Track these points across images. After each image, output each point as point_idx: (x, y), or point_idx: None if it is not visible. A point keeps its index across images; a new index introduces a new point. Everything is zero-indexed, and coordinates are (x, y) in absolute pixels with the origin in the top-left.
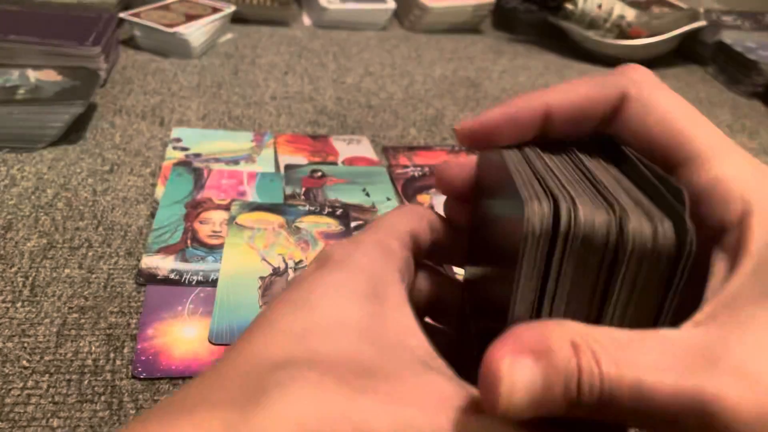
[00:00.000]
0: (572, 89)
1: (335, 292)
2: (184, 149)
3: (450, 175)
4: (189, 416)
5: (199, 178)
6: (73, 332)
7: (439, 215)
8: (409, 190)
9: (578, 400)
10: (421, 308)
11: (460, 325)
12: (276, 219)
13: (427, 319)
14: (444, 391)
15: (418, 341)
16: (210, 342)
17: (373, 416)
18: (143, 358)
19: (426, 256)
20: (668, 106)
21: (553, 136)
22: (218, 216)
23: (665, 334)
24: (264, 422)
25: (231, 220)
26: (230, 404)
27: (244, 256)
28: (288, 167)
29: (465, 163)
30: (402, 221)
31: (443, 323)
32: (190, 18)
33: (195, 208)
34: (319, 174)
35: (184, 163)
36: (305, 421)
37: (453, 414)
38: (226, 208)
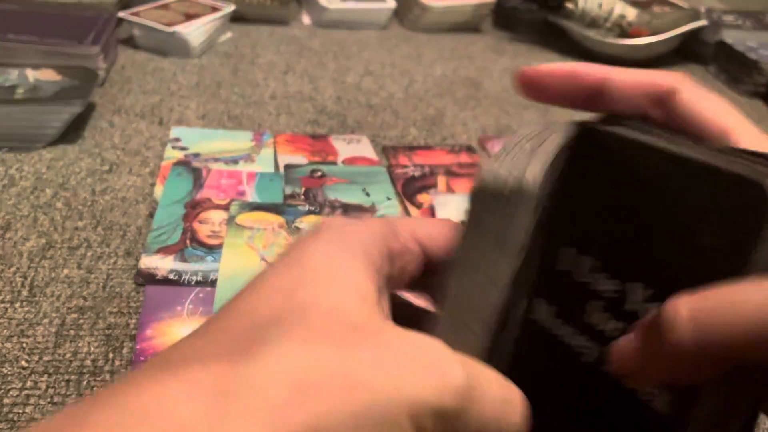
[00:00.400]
0: (629, 71)
1: (325, 250)
2: (183, 149)
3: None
4: (179, 371)
5: (198, 177)
6: (72, 332)
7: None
8: (409, 189)
9: None
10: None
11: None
12: (276, 219)
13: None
14: (429, 349)
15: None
16: None
17: (364, 370)
18: (142, 359)
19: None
20: (714, 98)
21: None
22: (217, 216)
23: None
24: (255, 375)
25: (230, 220)
26: (220, 359)
27: (244, 256)
28: (288, 167)
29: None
30: (412, 223)
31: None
32: (189, 17)
33: (194, 208)
34: (319, 174)
35: (184, 163)
36: (297, 373)
37: (439, 374)
38: (226, 208)
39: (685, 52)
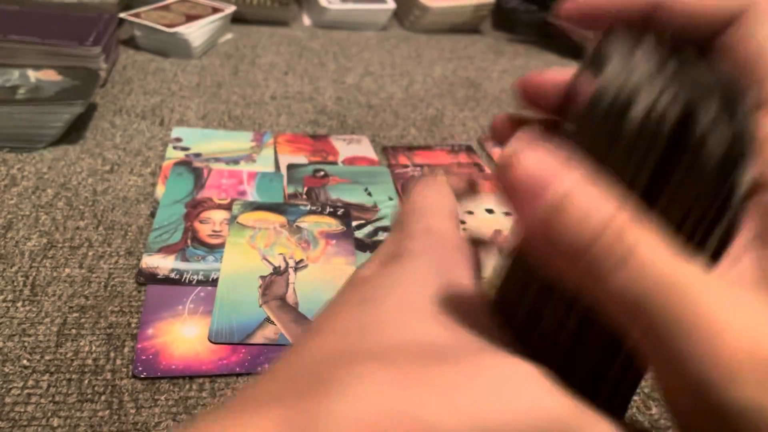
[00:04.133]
0: None
1: (401, 285)
2: (185, 149)
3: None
4: (244, 415)
5: (199, 177)
6: (74, 332)
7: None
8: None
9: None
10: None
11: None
12: (277, 218)
13: None
14: (526, 383)
15: (489, 320)
16: (210, 341)
17: (436, 411)
18: (143, 358)
19: None
20: None
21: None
22: (218, 215)
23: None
24: (320, 422)
25: (232, 220)
26: (285, 403)
27: (245, 256)
28: (291, 167)
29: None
30: (442, 199)
31: None
32: (190, 18)
33: (195, 208)
34: (322, 173)
35: (185, 163)
36: (363, 419)
37: (532, 397)
38: (226, 207)
39: None
